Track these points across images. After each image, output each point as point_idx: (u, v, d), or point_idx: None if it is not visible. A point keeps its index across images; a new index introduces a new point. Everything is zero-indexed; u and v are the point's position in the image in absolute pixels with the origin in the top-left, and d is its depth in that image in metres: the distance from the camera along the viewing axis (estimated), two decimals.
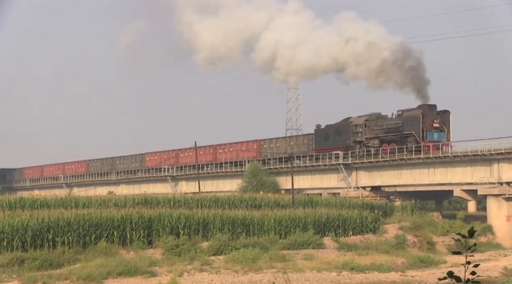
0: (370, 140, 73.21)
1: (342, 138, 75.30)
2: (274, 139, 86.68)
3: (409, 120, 68.33)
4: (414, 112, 68.58)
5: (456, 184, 73.69)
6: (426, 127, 67.12)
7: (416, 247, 53.02)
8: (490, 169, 61.48)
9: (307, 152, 79.38)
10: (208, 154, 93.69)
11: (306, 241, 47.81)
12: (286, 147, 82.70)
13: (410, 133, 67.87)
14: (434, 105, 68.90)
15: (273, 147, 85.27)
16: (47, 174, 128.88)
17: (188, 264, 40.00)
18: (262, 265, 40.42)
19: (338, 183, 75.37)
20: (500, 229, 60.26)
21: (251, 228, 49.09)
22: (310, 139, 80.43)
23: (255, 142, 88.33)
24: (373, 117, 73.89)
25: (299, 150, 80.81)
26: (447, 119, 68.06)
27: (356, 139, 74.19)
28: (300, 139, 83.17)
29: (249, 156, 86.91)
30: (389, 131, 71.14)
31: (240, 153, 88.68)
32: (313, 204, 58.84)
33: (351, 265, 41.25)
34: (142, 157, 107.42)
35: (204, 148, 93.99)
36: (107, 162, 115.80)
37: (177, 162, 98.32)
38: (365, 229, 53.94)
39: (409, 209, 64.75)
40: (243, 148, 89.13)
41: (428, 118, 67.31)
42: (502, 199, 60.25)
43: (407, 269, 42.77)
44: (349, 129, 75.12)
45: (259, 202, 57.92)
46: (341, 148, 74.42)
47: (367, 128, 73.69)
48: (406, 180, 69.30)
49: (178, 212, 48.00)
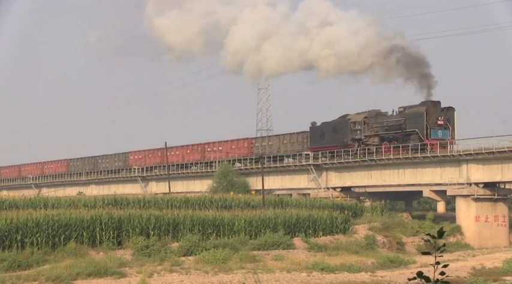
0: (369, 138, 70.37)
1: (339, 136, 72.39)
2: (267, 137, 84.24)
3: (412, 117, 65.33)
4: (417, 109, 65.53)
5: (425, 185, 74.12)
6: (430, 124, 64.06)
7: (386, 247, 53.26)
8: (459, 170, 61.92)
9: (302, 151, 76.66)
10: (196, 153, 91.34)
11: (276, 241, 47.84)
12: (279, 145, 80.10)
13: (413, 131, 64.98)
14: (438, 102, 65.78)
15: (265, 146, 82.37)
16: (24, 174, 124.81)
17: (158, 265, 39.90)
18: (233, 266, 40.41)
19: (308, 183, 75.49)
20: (468, 229, 60.70)
21: (221, 229, 49.03)
22: (305, 137, 77.29)
23: (246, 140, 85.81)
24: (372, 114, 70.89)
25: (293, 148, 78.26)
26: (452, 116, 65.23)
27: (354, 137, 71.22)
28: (294, 137, 79.34)
29: (240, 155, 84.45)
30: (390, 128, 68.37)
31: (230, 152, 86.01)
32: (284, 205, 58.86)
33: (321, 265, 41.36)
34: (125, 156, 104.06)
35: (191, 147, 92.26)
36: (88, 161, 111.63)
37: (166, 160, 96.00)
38: (335, 229, 54.06)
39: (379, 209, 64.98)
40: (233, 146, 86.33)
41: (432, 115, 64.28)
42: (471, 200, 60.70)
43: (377, 269, 42.95)
44: (347, 126, 72.08)
45: (229, 202, 57.87)
46: (338, 146, 71.88)
47: (366, 125, 70.69)
48: (376, 180, 69.57)
49: (148, 212, 47.84)
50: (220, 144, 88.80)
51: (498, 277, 39.95)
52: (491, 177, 60.09)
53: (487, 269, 42.84)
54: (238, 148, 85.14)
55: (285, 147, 78.79)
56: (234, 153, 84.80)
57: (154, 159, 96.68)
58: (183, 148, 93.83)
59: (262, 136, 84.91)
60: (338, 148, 71.38)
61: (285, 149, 78.33)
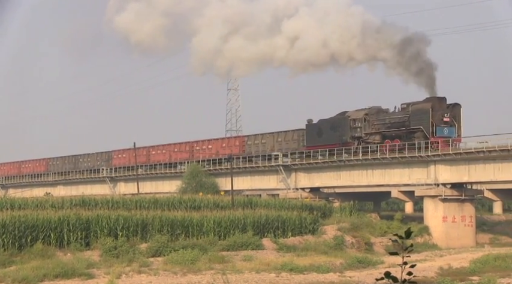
0: (370, 136, 67.73)
1: (338, 133, 69.77)
2: (260, 135, 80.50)
3: (417, 114, 62.55)
4: (422, 106, 62.68)
5: (394, 186, 74.57)
6: (436, 121, 61.49)
7: (354, 247, 53.46)
8: (426, 171, 62.30)
9: (297, 149, 74.34)
10: (184, 152, 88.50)
11: (245, 242, 47.85)
12: (273, 143, 77.45)
13: (417, 128, 62.30)
14: (444, 98, 63.11)
15: (258, 144, 79.44)
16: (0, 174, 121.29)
17: (126, 266, 39.71)
18: (201, 266, 40.36)
19: (277, 184, 75.55)
20: (436, 229, 61.10)
21: (190, 229, 48.97)
22: (300, 135, 74.70)
23: (238, 138, 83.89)
24: (373, 111, 68.30)
25: (288, 146, 75.62)
26: (458, 113, 62.58)
27: (354, 135, 68.66)
28: (289, 135, 76.55)
29: (231, 153, 78.85)
30: (392, 126, 65.63)
31: (221, 150, 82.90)
32: (253, 205, 58.87)
33: (289, 266, 41.40)
34: (109, 155, 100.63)
35: (179, 145, 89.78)
36: (69, 160, 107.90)
37: (149, 160, 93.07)
38: (304, 230, 54.19)
39: (348, 210, 65.23)
40: (223, 145, 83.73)
41: (437, 112, 61.65)
42: (438, 200, 61.10)
43: (346, 269, 43.08)
44: (346, 123, 69.46)
45: (198, 203, 57.78)
46: (337, 144, 69.29)
47: (367, 123, 67.93)
48: (344, 181, 69.79)
49: (117, 213, 47.65)
50: (210, 142, 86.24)
51: (465, 277, 40.23)
52: (459, 178, 60.55)
53: (454, 269, 43.13)
54: (229, 146, 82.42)
55: (279, 145, 76.49)
56: (225, 152, 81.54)
57: (140, 158, 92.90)
58: (170, 146, 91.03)
59: (255, 134, 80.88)
60: (337, 146, 69.00)
61: (279, 147, 76.07)
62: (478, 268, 43.45)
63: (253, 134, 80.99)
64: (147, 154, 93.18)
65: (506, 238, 64.36)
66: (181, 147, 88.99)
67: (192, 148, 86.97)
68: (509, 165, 56.81)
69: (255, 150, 78.74)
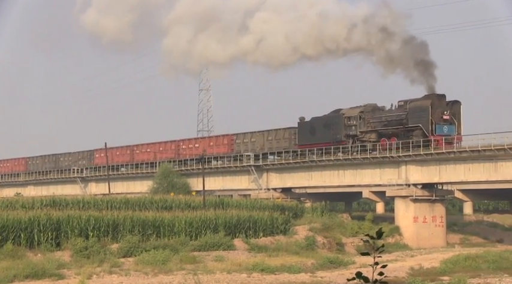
0: (365, 134, 65.83)
1: (332, 131, 67.75)
2: (249, 133, 78.06)
3: (415, 112, 60.66)
4: (422, 103, 60.77)
5: (365, 186, 74.88)
6: (435, 119, 59.74)
7: (325, 248, 53.57)
8: (398, 171, 62.58)
9: (289, 148, 72.12)
10: (169, 151, 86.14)
11: (216, 242, 47.81)
12: (263, 142, 75.32)
13: (416, 126, 60.55)
14: (443, 95, 61.24)
15: (247, 142, 77.18)
16: None
17: (97, 266, 39.53)
18: (173, 267, 40.26)
19: (249, 184, 75.52)
20: (407, 230, 61.39)
21: (162, 230, 48.85)
22: (292, 134, 72.65)
23: (226, 137, 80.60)
24: (368, 109, 66.47)
25: (279, 145, 73.50)
26: (458, 111, 60.91)
27: (349, 133, 66.74)
28: (280, 134, 74.35)
29: (219, 152, 79.68)
30: (389, 124, 63.65)
31: (208, 149, 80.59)
32: (224, 206, 58.84)
33: (261, 266, 41.40)
34: (91, 154, 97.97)
35: (164, 144, 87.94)
36: (49, 159, 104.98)
37: (133, 159, 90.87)
38: (275, 230, 54.23)
39: (319, 210, 65.35)
40: (211, 143, 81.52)
41: (437, 109, 59.93)
42: (409, 201, 61.40)
43: (317, 270, 43.16)
44: (340, 121, 67.43)
45: (170, 203, 57.68)
46: (330, 143, 67.25)
47: (362, 121, 66.04)
48: (316, 181, 69.93)
49: (88, 214, 47.42)
50: (197, 140, 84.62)
51: (435, 277, 40.46)
52: (430, 178, 60.89)
53: (425, 270, 43.35)
54: (217, 145, 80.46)
55: (270, 144, 74.56)
56: (212, 150, 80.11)
57: (123, 157, 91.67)
58: (155, 145, 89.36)
59: (244, 132, 78.39)
60: (330, 145, 67.03)
61: (269, 146, 74.26)
62: (448, 268, 43.72)
63: (242, 132, 78.73)
64: (131, 153, 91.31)
65: (476, 238, 64.83)
66: (166, 145, 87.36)
67: (178, 147, 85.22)
68: (479, 165, 57.25)
69: (244, 149, 76.81)
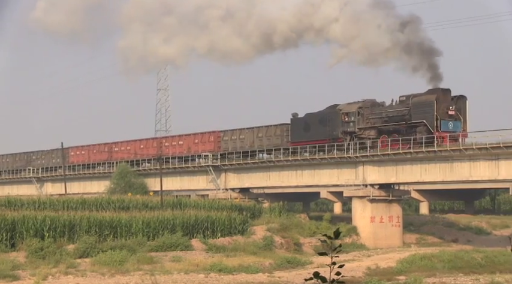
0: (364, 130, 62.88)
1: (328, 128, 64.64)
2: (238, 130, 74.19)
3: (419, 107, 58.00)
4: (426, 98, 58.06)
5: (323, 186, 75.19)
6: (440, 115, 57.09)
7: (283, 248, 53.68)
8: (355, 172, 62.89)
9: (281, 145, 68.87)
10: (151, 148, 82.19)
11: (174, 243, 47.71)
12: (253, 139, 71.77)
13: (420, 122, 57.80)
14: (448, 90, 58.64)
15: (235, 140, 73.78)
16: None
17: (53, 267, 39.19)
18: (130, 268, 40.06)
19: (207, 184, 75.35)
20: (364, 230, 61.72)
21: (119, 230, 48.64)
22: (284, 130, 69.18)
23: (212, 134, 76.66)
24: (367, 104, 63.52)
25: (270, 142, 70.10)
26: (463, 106, 58.24)
27: (346, 130, 63.60)
28: (271, 130, 70.83)
29: (204, 149, 75.98)
30: (390, 120, 60.87)
31: (193, 147, 77.38)
32: (182, 206, 58.76)
33: (218, 266, 41.37)
34: (65, 152, 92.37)
35: (145, 141, 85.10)
36: (20, 157, 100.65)
37: (111, 157, 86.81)
38: (233, 230, 54.25)
39: (277, 210, 65.51)
40: (195, 141, 77.62)
41: (442, 104, 57.38)
42: (367, 201, 61.74)
43: (275, 270, 43.21)
44: (337, 118, 64.35)
45: (127, 203, 57.47)
46: (326, 140, 64.35)
47: (361, 117, 63.02)
48: (274, 181, 69.99)
49: (43, 214, 47.06)
50: (181, 138, 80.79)
51: (392, 276, 40.76)
52: (386, 179, 61.28)
53: (382, 269, 43.64)
54: (203, 142, 76.72)
55: (260, 141, 71.06)
56: (197, 148, 76.97)
57: (100, 155, 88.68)
58: (136, 143, 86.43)
59: (232, 129, 74.97)
60: (326, 142, 64.17)
61: (260, 143, 70.87)
62: (404, 268, 44.06)
63: (230, 129, 75.36)
64: (109, 150, 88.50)
65: (432, 238, 65.41)
66: (148, 143, 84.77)
67: (160, 145, 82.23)
68: (435, 166, 57.76)
69: (232, 147, 73.82)
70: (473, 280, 39.38)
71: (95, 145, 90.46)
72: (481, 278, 39.87)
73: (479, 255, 49.13)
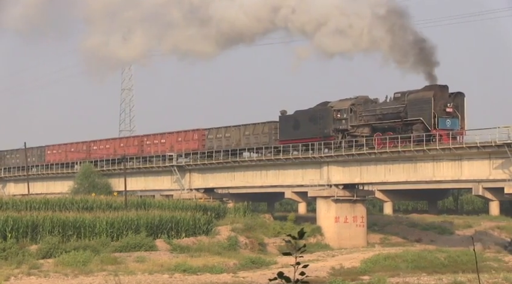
0: (357, 128, 61.08)
1: (319, 126, 62.64)
2: (223, 128, 71.77)
3: (416, 104, 56.31)
4: (423, 94, 56.36)
5: (287, 186, 75.27)
6: (437, 112, 55.41)
7: (248, 248, 53.70)
8: (320, 172, 63.04)
9: (269, 143, 66.61)
10: (132, 147, 79.89)
11: (138, 243, 47.54)
12: (239, 137, 69.44)
13: (416, 120, 56.14)
14: (445, 86, 56.92)
15: (220, 138, 71.20)
16: None
17: (15, 268, 38.90)
18: (93, 268, 39.86)
19: (171, 184, 75.13)
20: (328, 230, 61.91)
21: (82, 230, 48.36)
22: (273, 128, 66.96)
23: (196, 132, 74.16)
24: (360, 101, 61.53)
25: (257, 141, 67.88)
26: (461, 103, 56.68)
27: (338, 128, 61.72)
28: (258, 128, 68.35)
29: (188, 148, 73.96)
30: (384, 117, 59.06)
31: (176, 145, 75.03)
32: (146, 206, 58.58)
33: (183, 266, 41.30)
34: (41, 151, 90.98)
35: (126, 140, 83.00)
36: None
37: (89, 155, 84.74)
38: (198, 230, 54.17)
39: (242, 211, 65.53)
40: (179, 139, 75.11)
41: (439, 101, 55.66)
42: (331, 201, 61.93)
43: (239, 270, 43.21)
44: (328, 115, 62.36)
45: (91, 204, 57.19)
46: (317, 138, 62.40)
47: (354, 114, 61.19)
48: (239, 182, 69.96)
49: (6, 214, 46.62)
50: (163, 136, 77.79)
51: (356, 276, 40.96)
52: (351, 179, 61.53)
53: (346, 269, 43.81)
54: (186, 141, 74.49)
55: (247, 139, 68.79)
56: (181, 147, 74.67)
57: (78, 154, 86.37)
58: (115, 141, 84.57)
59: (217, 127, 72.47)
60: (317, 140, 62.33)
61: (246, 142, 68.73)
62: (368, 268, 44.29)
63: (216, 127, 72.88)
64: (87, 149, 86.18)
65: (396, 238, 65.79)
66: (128, 141, 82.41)
67: (141, 143, 79.83)
68: (399, 166, 58.09)
69: (217, 145, 71.38)
70: (436, 279, 39.67)
71: (72, 143, 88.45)
72: (444, 278, 40.18)
73: (442, 255, 49.55)
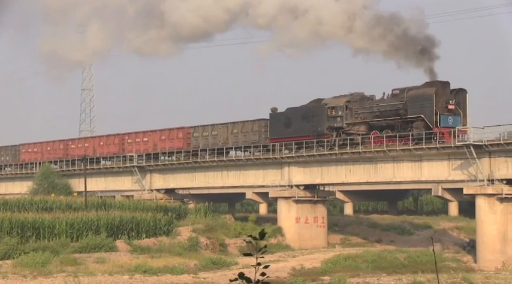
0: (353, 126, 59.36)
1: (312, 123, 60.74)
2: (210, 126, 69.51)
3: (416, 101, 54.55)
4: (424, 91, 54.63)
5: (248, 187, 75.27)
6: (439, 109, 53.65)
7: (209, 249, 53.63)
8: (281, 172, 63.16)
9: (259, 142, 64.82)
10: (113, 145, 77.72)
11: (98, 244, 47.30)
12: (227, 135, 67.47)
13: (417, 117, 54.28)
14: (447, 82, 55.22)
15: (207, 136, 68.96)
16: None
17: None
18: (53, 269, 39.54)
19: (132, 185, 74.81)
20: (289, 230, 62.04)
21: (41, 231, 47.94)
22: (262, 126, 64.99)
23: (181, 130, 71.76)
24: (356, 98, 59.72)
25: (246, 139, 65.75)
26: (463, 100, 54.97)
27: (333, 125, 59.82)
28: (247, 126, 66.27)
29: (172, 147, 71.77)
30: (382, 115, 57.24)
31: (159, 143, 73.04)
32: (107, 207, 58.23)
33: (143, 267, 41.13)
34: (15, 150, 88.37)
35: (106, 138, 79.93)
36: None
37: (67, 155, 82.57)
38: (158, 231, 53.97)
39: (203, 211, 65.44)
40: (162, 137, 73.00)
41: (441, 98, 53.93)
42: (292, 202, 62.07)
43: (200, 271, 43.14)
44: (322, 112, 60.43)
45: (50, 204, 56.76)
46: (310, 136, 60.48)
47: (349, 111, 59.42)
48: (200, 182, 69.86)
49: None
50: (146, 134, 75.59)
51: (316, 277, 41.09)
52: (312, 180, 61.71)
53: (306, 270, 43.96)
54: (170, 139, 72.12)
55: (235, 137, 66.75)
56: (164, 145, 72.62)
57: (55, 153, 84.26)
58: (95, 139, 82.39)
59: (203, 124, 70.43)
60: (310, 138, 60.42)
61: (235, 140, 66.75)
62: (329, 268, 44.49)
63: (201, 125, 70.67)
64: (64, 148, 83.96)
65: (356, 238, 66.14)
66: (108, 139, 79.63)
67: (122, 142, 77.46)
68: (359, 167, 58.38)
69: (203, 143, 69.12)
70: (396, 279, 39.95)
71: (49, 142, 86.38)
72: (403, 278, 40.48)
73: (402, 255, 49.96)
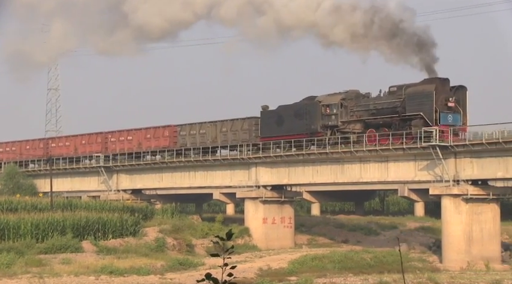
0: (348, 124, 57.74)
1: (305, 122, 59.17)
2: (197, 124, 67.65)
3: (415, 98, 52.87)
4: (423, 88, 53.00)
5: (216, 187, 75.20)
6: (439, 107, 52.08)
7: (176, 249, 53.52)
8: (248, 173, 63.19)
9: (249, 140, 62.95)
10: (95, 144, 75.36)
11: (64, 244, 47.06)
12: (216, 133, 65.63)
13: (416, 115, 52.72)
14: (446, 79, 53.70)
15: (195, 135, 67.19)
16: None
17: None
18: (17, 270, 39.28)
19: (98, 185, 74.40)
20: (256, 231, 62.10)
21: (6, 232, 47.58)
22: (253, 124, 63.23)
23: (167, 128, 69.94)
24: (351, 95, 58.20)
25: (236, 138, 63.92)
26: (463, 97, 53.52)
27: (327, 124, 58.24)
28: (237, 124, 64.58)
29: (158, 145, 69.85)
30: (379, 112, 55.75)
31: (144, 142, 71.08)
32: (73, 207, 57.93)
33: (109, 268, 40.98)
34: None
35: (88, 136, 77.30)
36: None
37: (47, 153, 79.05)
38: (125, 232, 53.74)
39: (170, 212, 65.32)
40: (148, 135, 71.11)
41: (441, 95, 52.33)
42: (259, 202, 62.12)
43: (167, 271, 43.04)
44: (316, 110, 58.91)
45: (15, 205, 56.29)
46: (303, 135, 58.89)
47: (344, 109, 57.80)
48: (167, 183, 69.68)
49: None
50: (130, 132, 73.48)
51: (283, 277, 41.18)
52: (279, 180, 61.80)
53: (273, 270, 44.03)
54: (156, 137, 70.27)
55: (224, 136, 65.01)
56: (150, 144, 70.76)
57: (34, 152, 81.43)
58: (76, 138, 79.27)
59: (191, 123, 68.55)
60: (303, 136, 58.71)
61: (224, 139, 65.06)
62: (296, 269, 44.59)
63: (189, 123, 68.79)
64: (44, 147, 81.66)
65: (323, 238, 66.34)
66: (91, 138, 77.14)
67: (105, 140, 75.24)
68: (326, 167, 58.55)
69: (191, 142, 67.34)
70: (362, 280, 40.15)
71: (28, 141, 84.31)
72: (370, 278, 40.70)
73: (369, 255, 50.19)
